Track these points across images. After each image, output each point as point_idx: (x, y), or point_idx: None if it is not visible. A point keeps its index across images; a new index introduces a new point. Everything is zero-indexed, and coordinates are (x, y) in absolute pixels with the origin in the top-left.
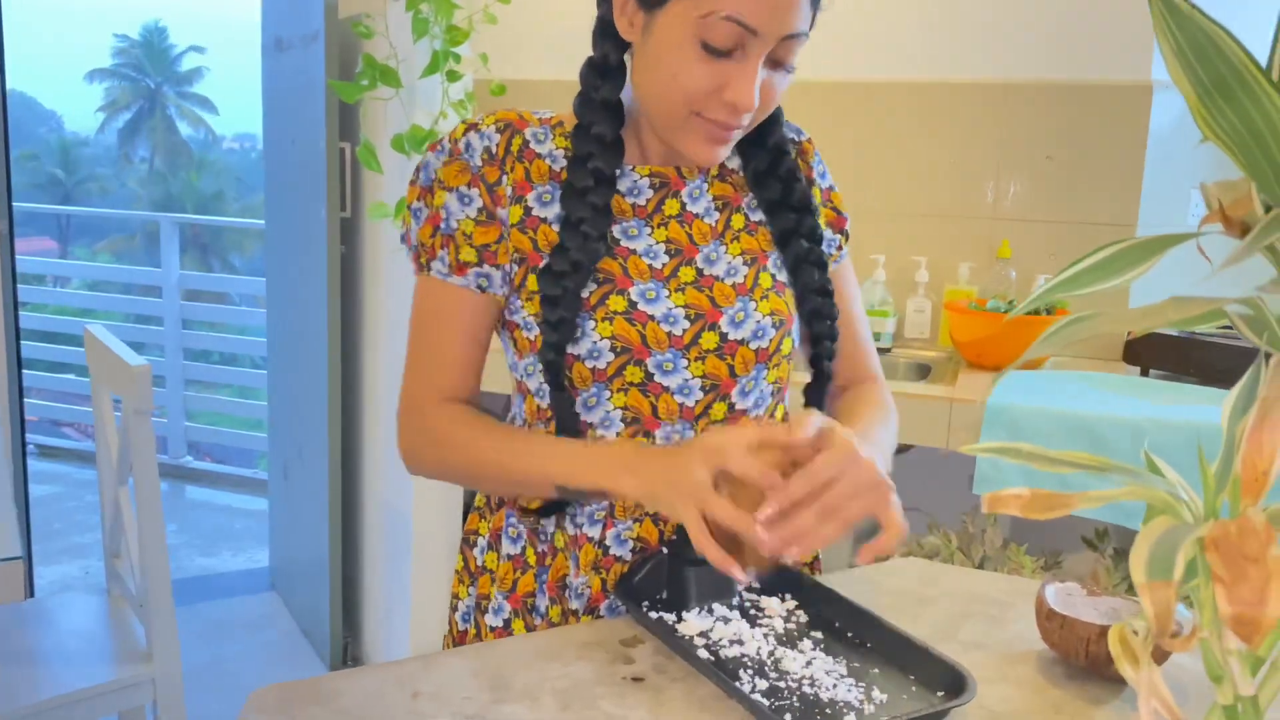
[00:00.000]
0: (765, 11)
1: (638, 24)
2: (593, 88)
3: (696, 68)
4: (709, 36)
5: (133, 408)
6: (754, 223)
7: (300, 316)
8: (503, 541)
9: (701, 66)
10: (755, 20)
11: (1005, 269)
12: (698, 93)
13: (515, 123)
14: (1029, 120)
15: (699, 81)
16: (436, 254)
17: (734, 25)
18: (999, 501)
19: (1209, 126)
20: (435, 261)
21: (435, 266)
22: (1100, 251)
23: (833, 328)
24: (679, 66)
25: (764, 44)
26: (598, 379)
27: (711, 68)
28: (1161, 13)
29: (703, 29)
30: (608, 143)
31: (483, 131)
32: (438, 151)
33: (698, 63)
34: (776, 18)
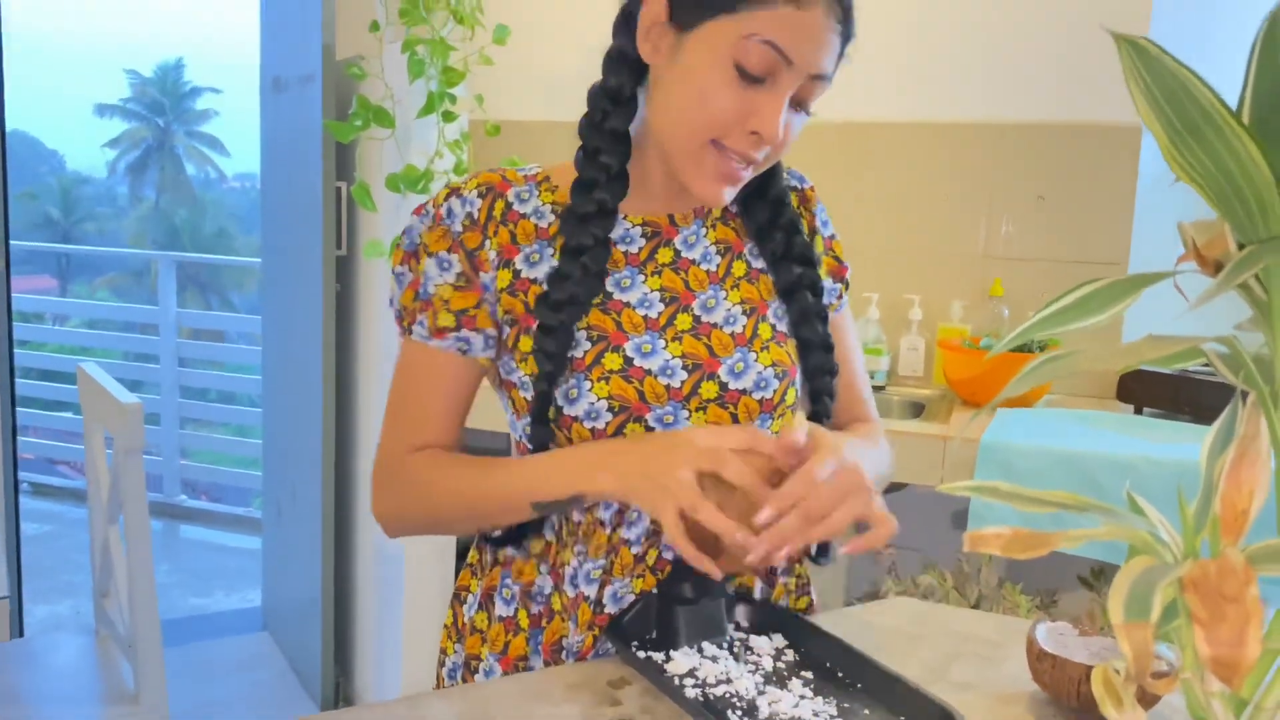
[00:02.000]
0: (804, 43)
1: (665, 46)
2: (602, 115)
3: (726, 91)
4: (745, 59)
5: (124, 446)
6: (755, 270)
7: (295, 354)
8: (495, 602)
9: (731, 90)
10: (793, 50)
11: (998, 307)
12: (723, 116)
13: (497, 185)
14: (1020, 160)
15: (726, 105)
16: (417, 318)
17: (771, 51)
18: (980, 540)
19: (1181, 167)
20: (416, 325)
21: (416, 330)
22: (1079, 289)
23: (832, 383)
24: (709, 87)
25: (795, 77)
26: (597, 439)
27: (740, 94)
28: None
29: (740, 50)
30: (614, 173)
31: (464, 196)
32: (422, 216)
33: (727, 86)
34: (812, 52)
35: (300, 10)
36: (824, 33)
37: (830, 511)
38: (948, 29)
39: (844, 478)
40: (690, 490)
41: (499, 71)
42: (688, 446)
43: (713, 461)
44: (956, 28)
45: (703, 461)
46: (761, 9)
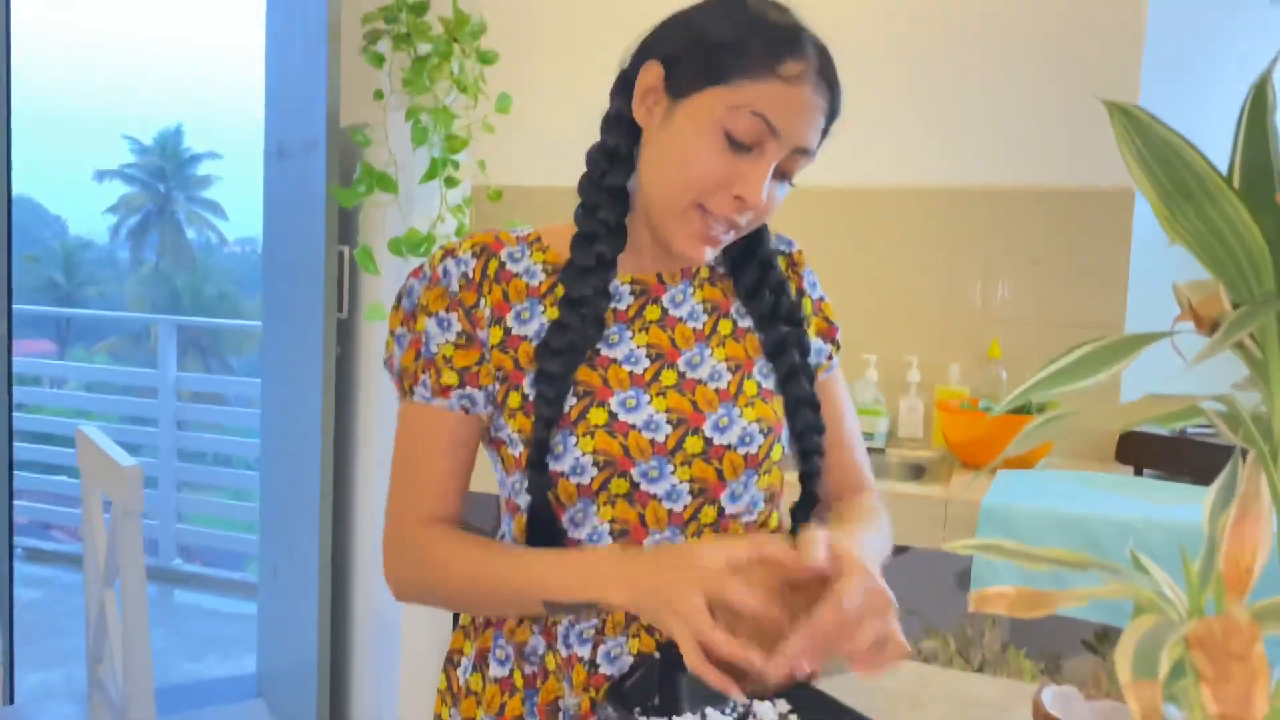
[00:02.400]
0: (792, 117)
1: (659, 111)
2: (601, 172)
3: (712, 157)
4: (734, 128)
5: (123, 510)
6: (741, 329)
7: (294, 417)
8: (490, 663)
9: (717, 157)
10: (780, 123)
11: (996, 369)
12: (709, 180)
13: (491, 245)
14: (1015, 224)
15: (712, 170)
16: (419, 379)
17: (760, 122)
18: (986, 600)
19: (1174, 230)
20: (418, 387)
21: (418, 391)
22: (1078, 350)
23: (820, 441)
24: (695, 152)
25: (780, 149)
26: (583, 494)
27: (726, 160)
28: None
29: (730, 119)
30: (612, 226)
31: (459, 257)
32: (419, 278)
33: (715, 153)
34: (799, 127)
35: (305, 79)
36: (811, 109)
37: (857, 629)
38: (943, 96)
39: (873, 597)
40: (700, 617)
41: (501, 138)
42: (693, 567)
43: (717, 587)
44: (952, 95)
45: (708, 585)
46: (753, 83)
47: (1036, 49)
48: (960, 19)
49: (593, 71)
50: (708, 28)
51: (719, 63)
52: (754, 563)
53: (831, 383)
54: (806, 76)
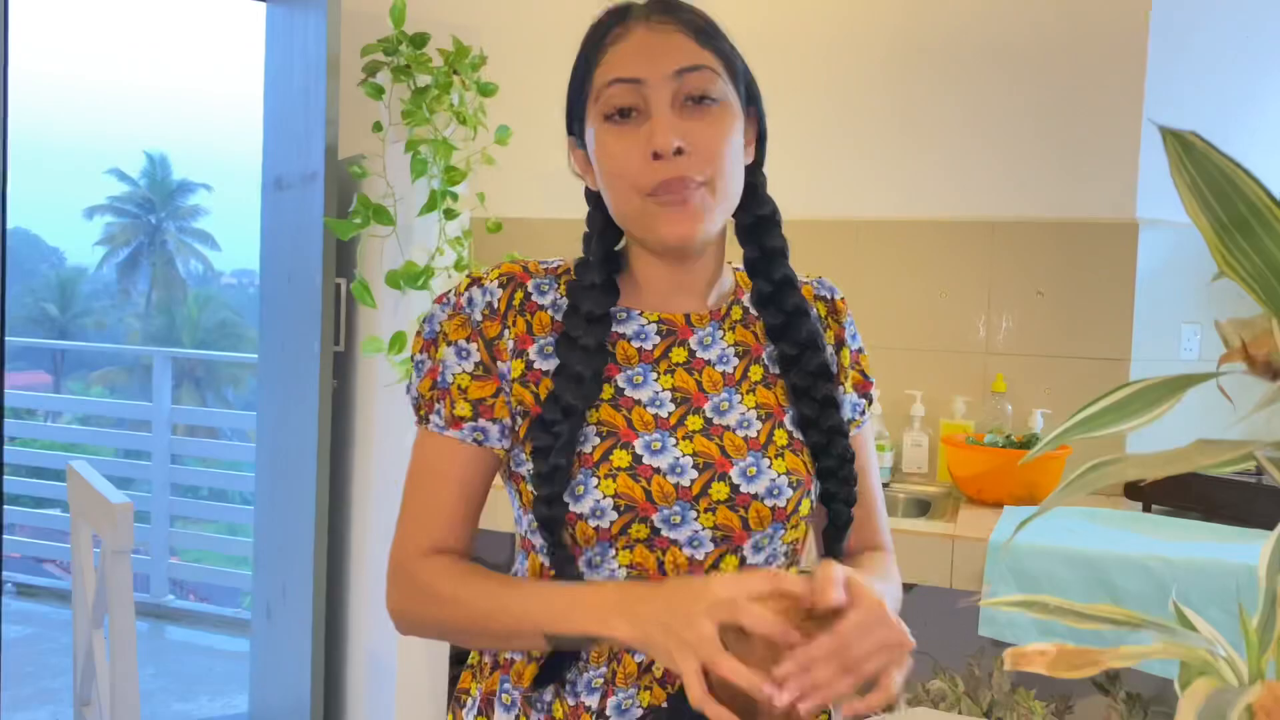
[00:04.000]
0: (640, 60)
1: (582, 161)
2: (588, 249)
3: (616, 144)
4: (606, 107)
5: (112, 547)
6: (773, 375)
7: (289, 450)
8: (495, 708)
9: (619, 141)
10: (634, 70)
11: (1000, 403)
12: (630, 167)
13: (519, 275)
14: (1019, 257)
15: (624, 154)
16: (434, 407)
17: (619, 85)
18: (1023, 659)
19: (1227, 263)
20: (433, 415)
21: (433, 420)
22: (1116, 393)
23: (850, 493)
24: (602, 153)
25: (657, 89)
26: (601, 538)
27: (627, 137)
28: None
29: (602, 108)
30: (599, 285)
31: (485, 286)
32: (443, 305)
33: (615, 139)
34: (655, 60)
35: (304, 112)
36: (657, 40)
37: (865, 663)
38: (947, 128)
39: (884, 631)
40: (710, 644)
41: (501, 170)
42: (706, 597)
43: (731, 611)
44: (956, 127)
45: (721, 612)
46: (598, 70)
47: (1041, 81)
48: (963, 51)
49: None
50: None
51: (577, 84)
52: (772, 595)
53: (860, 440)
54: (632, 25)
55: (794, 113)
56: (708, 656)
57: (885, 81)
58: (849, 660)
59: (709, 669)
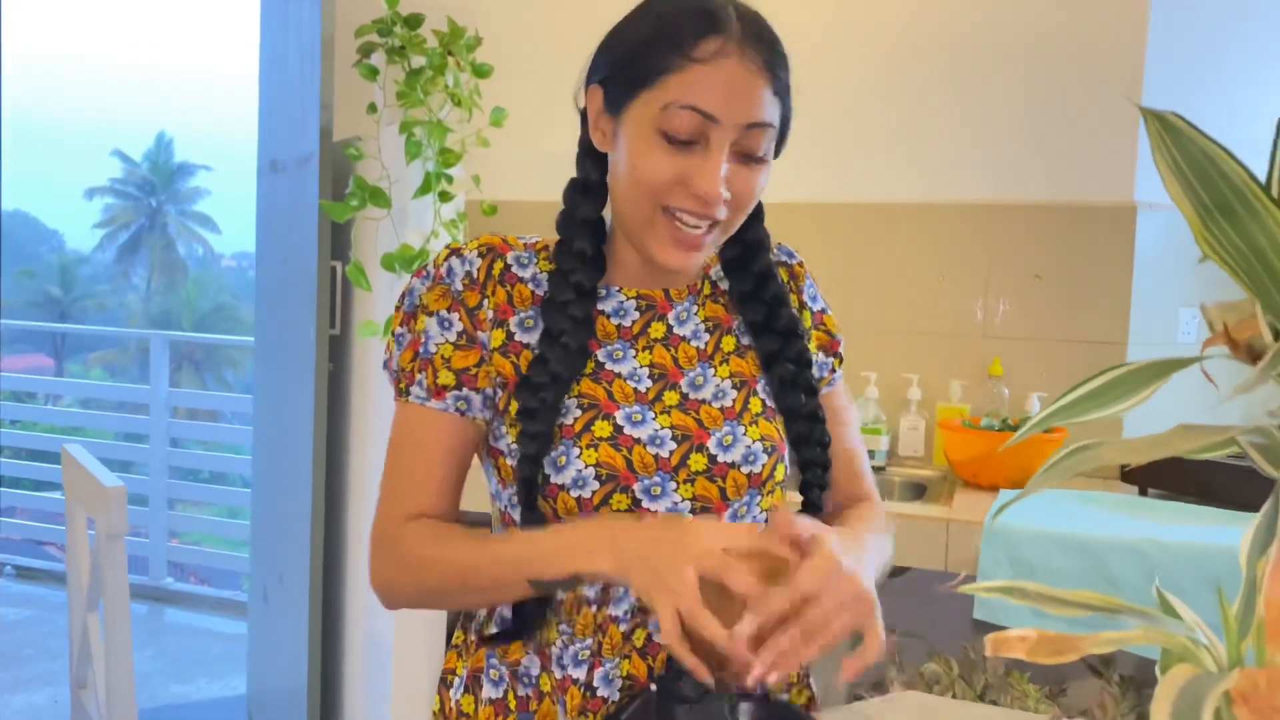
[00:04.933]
0: (724, 99)
1: (609, 133)
2: (574, 206)
3: (659, 159)
4: (669, 127)
5: (106, 531)
6: (745, 345)
7: (286, 434)
8: (483, 684)
9: (665, 158)
10: (714, 108)
11: (997, 387)
12: (661, 184)
13: (498, 247)
14: (1016, 240)
15: (662, 172)
16: (415, 379)
17: (694, 114)
18: (1004, 644)
19: (1210, 246)
20: (414, 387)
21: (414, 392)
22: (1100, 377)
23: (824, 454)
24: (642, 159)
25: (726, 133)
26: (583, 508)
27: (675, 159)
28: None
29: (663, 121)
30: (588, 257)
31: (465, 256)
32: (422, 277)
33: (661, 154)
34: (735, 105)
35: (299, 94)
36: (744, 83)
37: (829, 624)
38: (945, 112)
39: (843, 588)
40: (691, 593)
41: (496, 152)
42: (694, 544)
43: (719, 567)
44: (954, 110)
45: (707, 563)
46: (673, 76)
47: (1039, 64)
48: (961, 34)
49: None
50: (625, 36)
51: (639, 67)
52: (754, 553)
53: (834, 396)
54: (728, 50)
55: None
56: (687, 608)
57: (884, 66)
58: (810, 623)
59: (685, 621)
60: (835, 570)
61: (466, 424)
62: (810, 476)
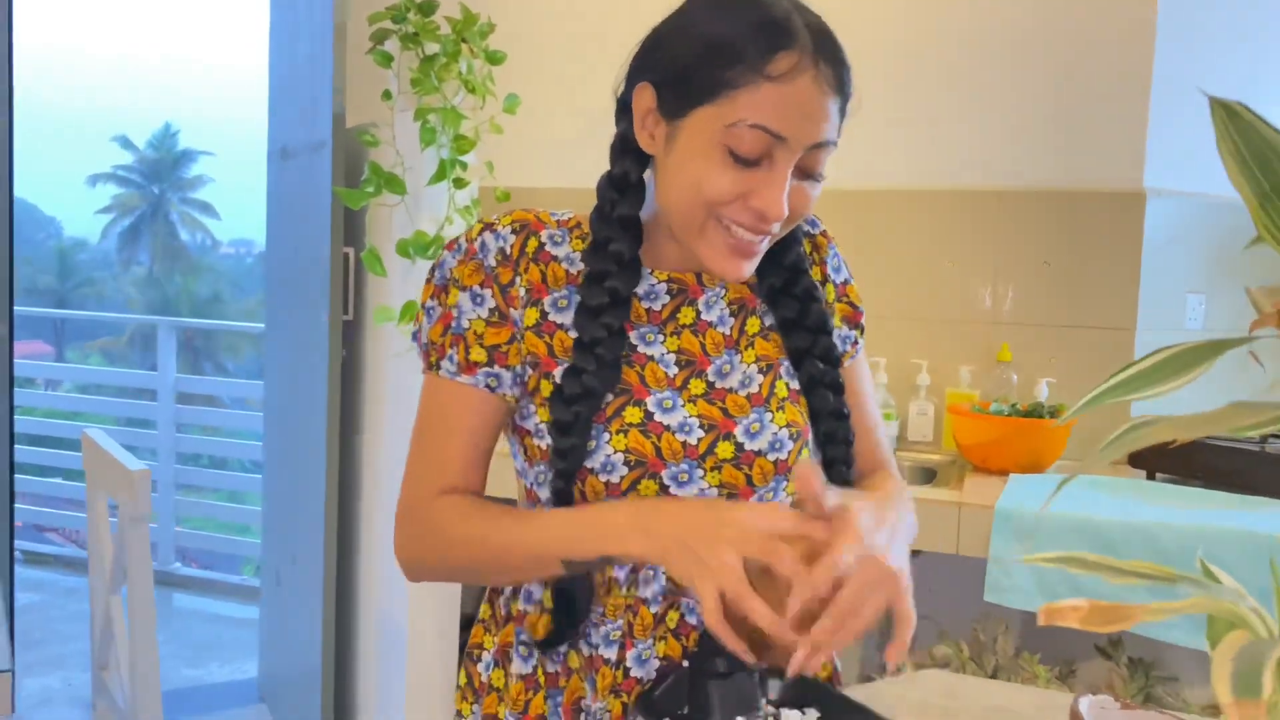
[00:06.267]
0: (794, 120)
1: (660, 135)
2: (610, 204)
3: (722, 175)
4: (736, 145)
5: (130, 514)
6: (768, 326)
7: (298, 419)
8: (513, 659)
9: (728, 174)
10: (784, 128)
11: (1006, 372)
12: (721, 199)
13: (532, 224)
14: (1025, 227)
15: (725, 189)
16: (446, 353)
17: (761, 134)
18: (1057, 614)
19: (1266, 229)
20: (444, 360)
21: (444, 366)
22: (1151, 357)
23: (848, 453)
24: (704, 174)
25: (792, 152)
26: (611, 493)
27: (738, 175)
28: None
29: (729, 137)
30: (625, 261)
31: (498, 232)
32: (454, 251)
33: (723, 170)
34: (805, 126)
35: (310, 81)
36: (816, 103)
37: (862, 606)
38: (953, 98)
39: (871, 569)
40: (737, 576)
41: (509, 139)
42: (737, 526)
43: (765, 550)
44: (962, 96)
45: (752, 547)
46: (744, 92)
47: (1047, 50)
48: (970, 20)
49: (600, 72)
50: (685, 38)
51: (703, 80)
52: (796, 535)
53: (854, 370)
54: (802, 67)
55: None
56: (732, 588)
57: (892, 53)
58: (842, 608)
59: (730, 602)
60: (863, 550)
61: (496, 400)
62: (833, 475)
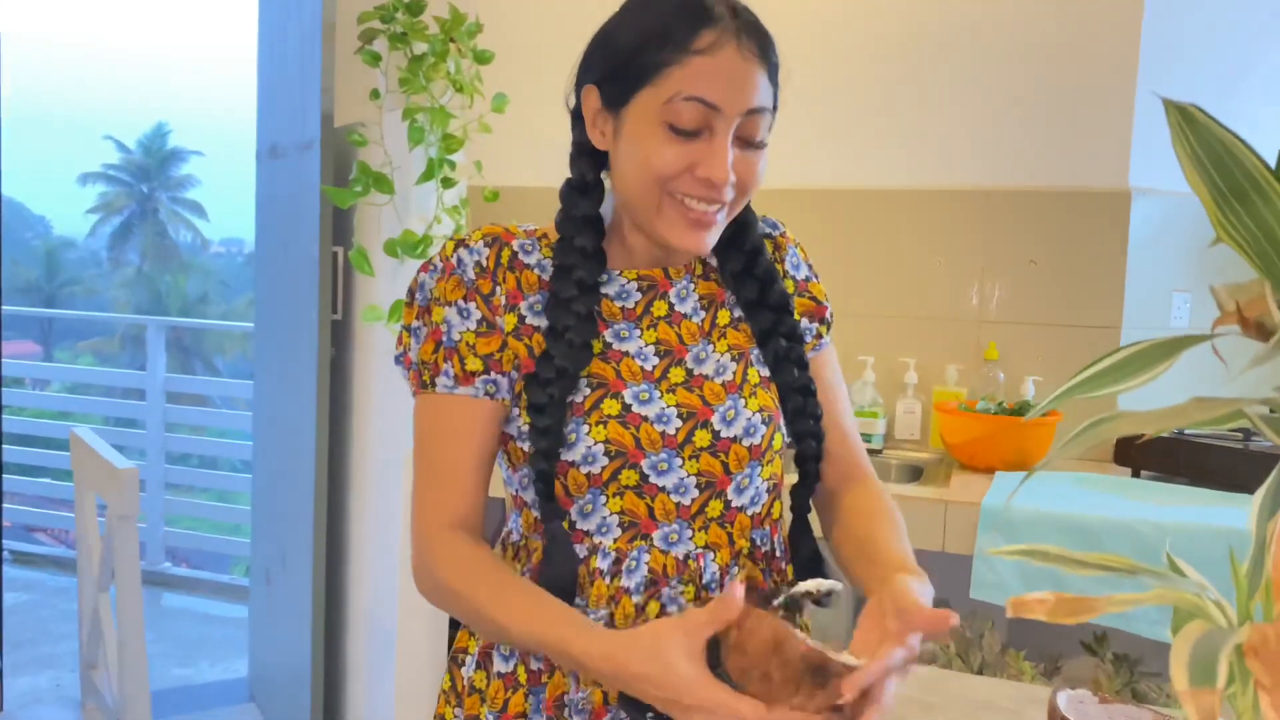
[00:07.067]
0: (726, 88)
1: (609, 130)
2: (572, 205)
3: (666, 150)
4: (675, 119)
5: (118, 513)
6: (737, 318)
7: (288, 419)
8: (494, 659)
9: (671, 149)
10: (717, 97)
11: (993, 371)
12: (670, 174)
13: (502, 236)
14: (1012, 226)
15: (670, 163)
16: (440, 369)
17: (697, 105)
18: (1024, 606)
19: (1224, 230)
20: (440, 377)
21: (440, 381)
22: (1115, 354)
23: (817, 427)
24: (650, 151)
25: (728, 120)
26: (593, 484)
27: (681, 149)
28: (1179, 122)
29: (668, 113)
30: (589, 253)
31: (471, 247)
32: (430, 271)
33: (667, 145)
34: (736, 93)
35: (299, 80)
36: (742, 71)
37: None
38: (940, 97)
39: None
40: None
41: (497, 139)
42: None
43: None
44: (949, 96)
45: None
46: (675, 69)
47: (1034, 51)
48: (956, 21)
49: None
50: (619, 35)
51: (637, 64)
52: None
53: (821, 363)
54: (724, 39)
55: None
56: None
57: (881, 53)
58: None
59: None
60: None
61: (496, 407)
62: (805, 449)
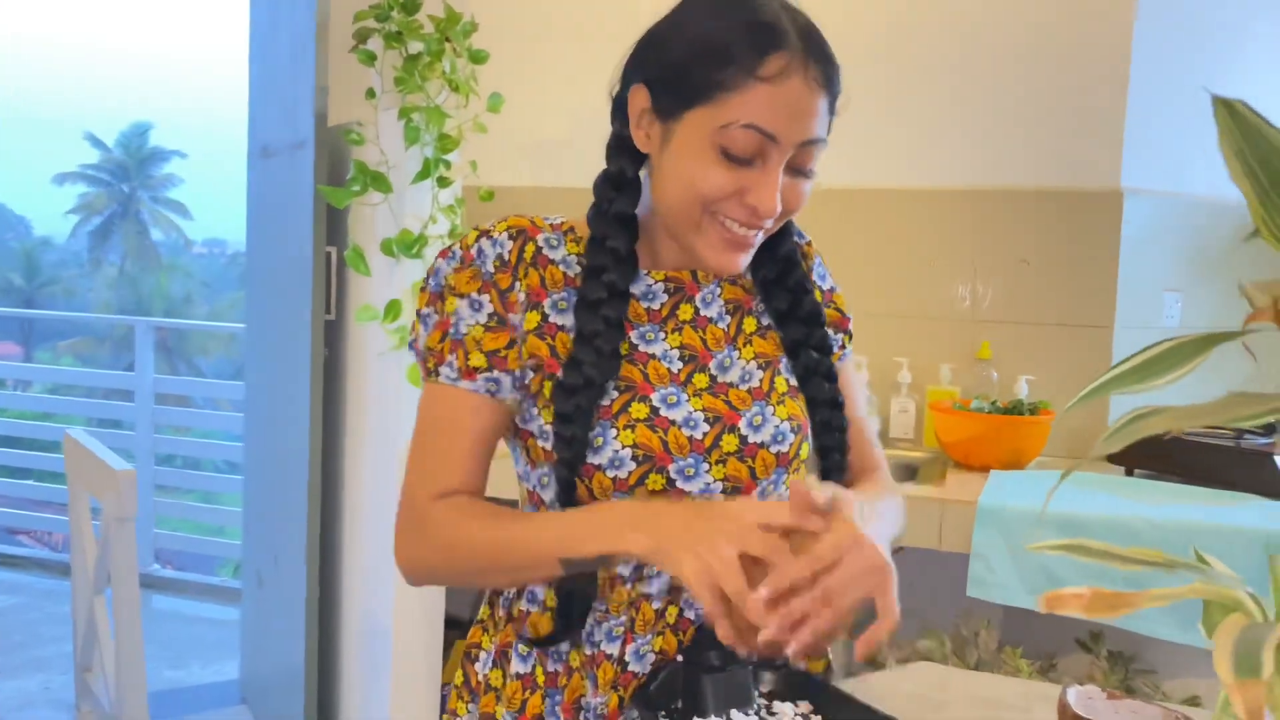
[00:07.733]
0: (785, 119)
1: (655, 135)
2: (607, 200)
3: (716, 174)
4: (729, 145)
5: (114, 514)
6: (765, 326)
7: (280, 419)
8: (511, 659)
9: (722, 173)
10: (775, 128)
11: (986, 370)
12: (717, 198)
13: (528, 229)
14: (1004, 226)
15: (719, 187)
16: (445, 359)
17: (754, 133)
18: (1059, 601)
19: (1267, 226)
20: (443, 367)
21: (444, 372)
22: (1146, 352)
23: (843, 439)
24: (698, 173)
25: (783, 150)
26: (619, 488)
27: (732, 174)
28: (1226, 120)
29: (723, 138)
30: (622, 256)
31: (495, 238)
32: (449, 258)
33: (718, 169)
34: (796, 124)
35: (292, 80)
36: (806, 102)
37: (845, 592)
38: (931, 97)
39: (862, 558)
40: (735, 572)
41: (493, 138)
42: (735, 521)
43: (764, 548)
44: (940, 96)
45: (752, 544)
46: (736, 94)
47: (1026, 51)
48: (948, 20)
49: (583, 71)
50: (679, 41)
51: (695, 81)
52: (793, 529)
53: (843, 371)
54: (792, 67)
55: None
56: (730, 585)
57: (872, 53)
58: (828, 589)
59: (730, 600)
60: (854, 538)
61: (496, 405)
62: (829, 463)
